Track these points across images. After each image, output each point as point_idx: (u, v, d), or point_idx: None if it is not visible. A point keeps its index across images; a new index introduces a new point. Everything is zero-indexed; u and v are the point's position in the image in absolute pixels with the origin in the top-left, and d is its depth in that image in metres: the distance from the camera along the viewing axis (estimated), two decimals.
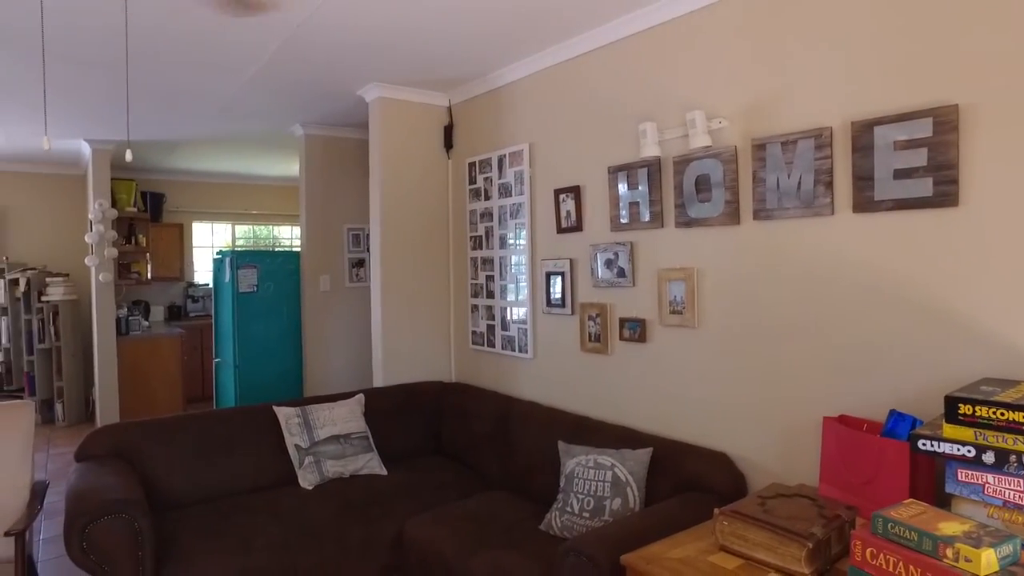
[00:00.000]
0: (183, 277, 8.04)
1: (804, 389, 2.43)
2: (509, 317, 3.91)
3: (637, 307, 3.08)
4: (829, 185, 2.30)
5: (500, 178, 3.94)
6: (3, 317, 6.61)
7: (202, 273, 8.37)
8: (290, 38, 3.31)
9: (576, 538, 2.15)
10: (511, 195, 3.86)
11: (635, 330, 3.07)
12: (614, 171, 3.15)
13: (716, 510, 1.83)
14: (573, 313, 3.44)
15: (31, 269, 6.64)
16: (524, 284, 3.78)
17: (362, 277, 5.43)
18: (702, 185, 2.75)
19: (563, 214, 3.48)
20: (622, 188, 3.11)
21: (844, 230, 2.29)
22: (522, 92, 3.80)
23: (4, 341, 6.60)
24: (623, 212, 3.11)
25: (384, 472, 3.51)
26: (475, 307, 4.20)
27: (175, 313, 7.94)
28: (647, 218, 2.99)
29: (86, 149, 6.01)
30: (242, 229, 8.71)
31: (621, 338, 3.15)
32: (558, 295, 3.51)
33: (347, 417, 3.53)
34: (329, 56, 3.61)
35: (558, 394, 3.57)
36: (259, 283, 5.23)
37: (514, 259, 3.86)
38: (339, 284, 5.33)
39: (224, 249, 5.57)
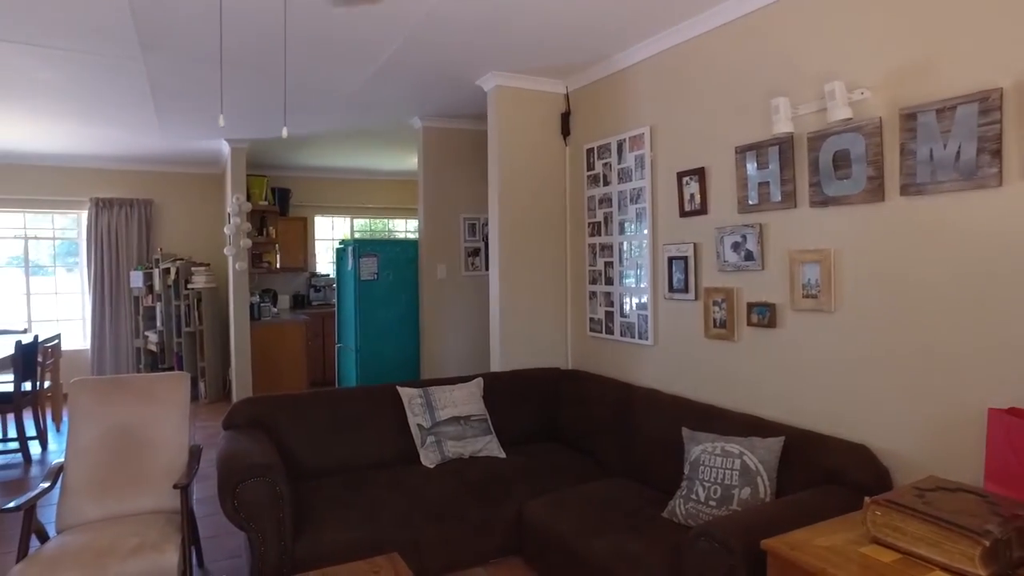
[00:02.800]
0: (307, 268, 8.54)
1: (962, 378, 2.23)
2: (628, 303, 3.86)
3: (766, 291, 2.95)
4: (996, 154, 2.09)
5: (619, 163, 3.89)
6: (158, 303, 7.28)
7: (323, 264, 8.84)
8: (415, 30, 3.42)
9: (707, 523, 2.08)
10: (631, 180, 3.80)
11: (764, 315, 2.93)
12: (742, 151, 3.02)
13: (867, 499, 1.71)
14: (696, 298, 3.34)
15: (179, 259, 7.27)
16: (644, 270, 3.71)
17: (477, 266, 5.53)
18: (840, 161, 2.58)
19: (686, 197, 3.39)
20: (750, 168, 2.98)
21: (1015, 202, 2.07)
22: (642, 75, 3.73)
23: (159, 324, 7.27)
24: (752, 193, 2.98)
25: (503, 455, 3.56)
26: (593, 294, 4.17)
27: (299, 302, 8.43)
28: (778, 198, 2.85)
29: (225, 148, 6.50)
30: (359, 223, 9.12)
31: (749, 323, 3.02)
32: (681, 280, 3.42)
33: (467, 399, 3.61)
34: (450, 46, 3.69)
35: (680, 381, 3.48)
36: (379, 271, 5.46)
37: (634, 244, 3.80)
38: (455, 272, 5.46)
39: (346, 239, 5.84)
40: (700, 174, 3.29)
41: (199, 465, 3.00)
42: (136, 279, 7.41)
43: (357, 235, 9.08)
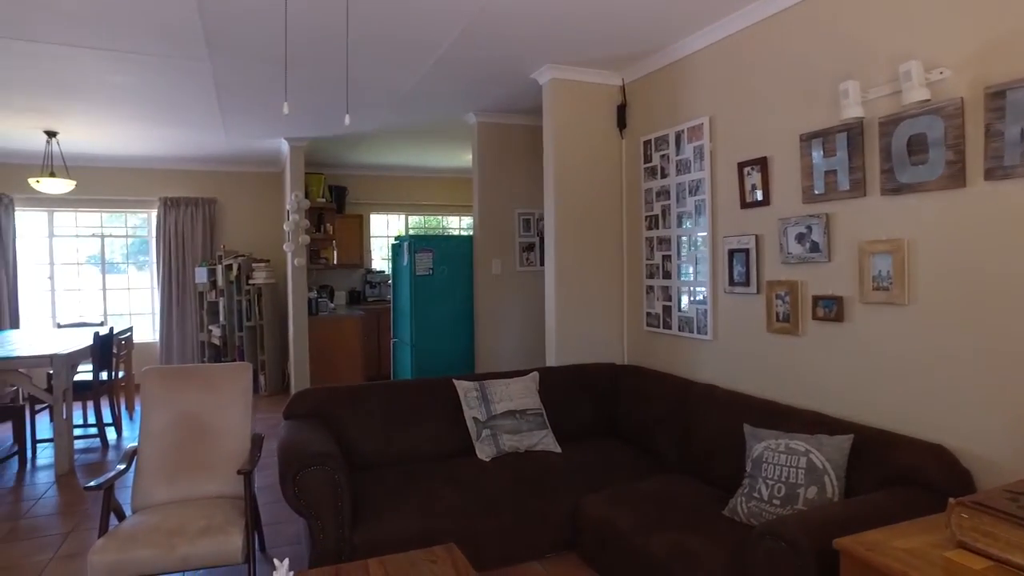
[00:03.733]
0: (362, 264, 8.69)
1: None
2: (687, 298, 3.77)
3: (833, 284, 2.83)
4: None
5: (678, 155, 3.81)
6: (221, 298, 7.53)
7: (378, 261, 8.98)
8: (470, 24, 3.42)
9: (772, 521, 2.01)
10: (690, 171, 3.71)
11: (831, 308, 2.82)
12: (807, 138, 2.91)
13: (952, 500, 1.61)
14: (759, 292, 3.24)
15: (241, 256, 7.50)
16: (704, 263, 3.62)
17: (532, 261, 5.52)
18: (916, 146, 2.46)
19: (748, 188, 3.29)
20: (816, 156, 2.87)
21: None
22: (701, 64, 3.64)
23: (221, 318, 7.52)
24: (817, 182, 2.87)
25: (558, 450, 3.53)
26: (650, 288, 4.10)
27: (355, 297, 8.59)
28: (846, 187, 2.74)
29: (284, 146, 6.66)
30: (414, 220, 9.23)
31: (814, 317, 2.91)
32: (742, 273, 3.33)
33: (522, 393, 3.60)
34: (505, 40, 3.68)
35: (740, 377, 3.38)
36: (435, 266, 5.50)
37: (693, 237, 3.71)
38: (510, 268, 5.46)
39: (401, 235, 5.90)
40: (762, 164, 3.18)
41: (261, 453, 3.07)
42: (200, 275, 7.68)
43: (411, 232, 9.19)
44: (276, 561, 1.72)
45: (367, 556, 2.68)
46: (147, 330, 7.99)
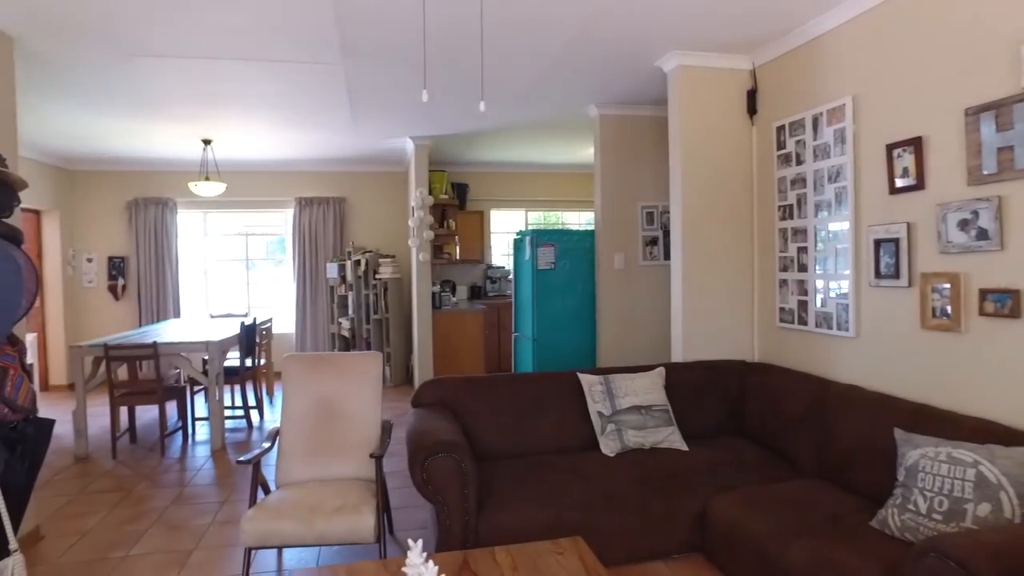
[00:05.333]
0: (483, 260, 8.86)
1: None
2: (825, 292, 3.52)
3: (1007, 276, 2.52)
4: None
5: (815, 139, 3.56)
6: (350, 292, 7.95)
7: (498, 257, 9.12)
8: (593, 12, 3.37)
9: (939, 538, 1.82)
10: (829, 157, 3.46)
11: (1003, 303, 2.52)
12: (974, 112, 2.61)
13: None
14: (910, 285, 2.96)
15: (368, 252, 7.88)
16: (845, 255, 3.36)
17: (655, 255, 5.38)
18: None
19: (898, 171, 3.01)
20: (986, 131, 2.57)
21: None
22: (842, 40, 3.37)
23: (351, 311, 7.93)
24: (987, 160, 2.57)
25: (685, 448, 3.41)
26: (783, 282, 3.86)
27: (475, 293, 8.77)
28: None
29: (409, 145, 6.91)
30: (533, 216, 9.29)
31: (981, 313, 2.61)
32: (890, 265, 3.05)
33: (648, 389, 3.51)
34: (629, 27, 3.60)
35: (887, 377, 3.11)
36: (556, 260, 5.49)
37: (832, 227, 3.46)
38: (633, 262, 5.35)
39: (523, 230, 5.94)
40: (915, 144, 2.90)
41: (390, 439, 3.19)
42: (331, 270, 8.14)
43: (532, 227, 9.25)
44: (410, 541, 1.77)
45: (491, 544, 2.70)
46: (284, 321, 8.58)
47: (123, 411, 5.69)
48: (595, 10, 3.35)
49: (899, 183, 3.01)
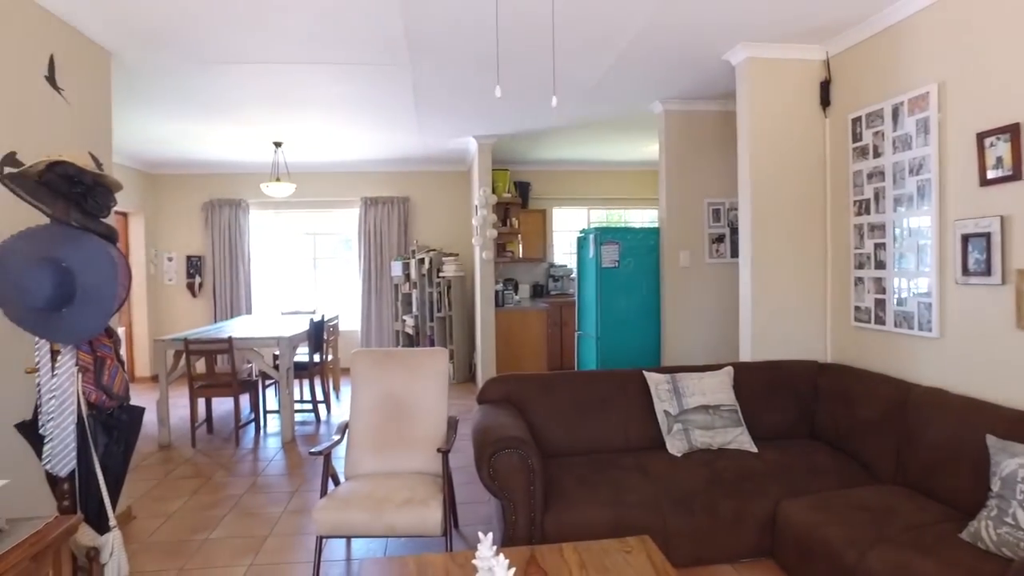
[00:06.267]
0: (545, 258, 8.86)
1: None
2: (905, 290, 3.36)
3: None
4: None
5: (895, 130, 3.40)
6: (414, 290, 8.09)
7: (560, 256, 9.10)
8: (661, 5, 3.31)
9: None
10: (910, 148, 3.30)
11: None
12: None
13: None
14: (1003, 282, 2.79)
15: (432, 250, 7.99)
16: (928, 251, 3.20)
17: (722, 253, 5.26)
18: None
19: (990, 161, 2.84)
20: None
21: None
22: (925, 25, 3.21)
23: (415, 309, 8.07)
24: None
25: (754, 449, 3.32)
26: (859, 279, 3.71)
27: (538, 291, 8.78)
28: None
29: (472, 144, 6.97)
30: (595, 214, 9.23)
31: None
32: (980, 261, 2.89)
33: (716, 388, 3.43)
34: (697, 19, 3.53)
35: (976, 380, 2.94)
36: (620, 259, 5.43)
37: (913, 222, 3.30)
38: (699, 259, 5.25)
39: (587, 228, 5.91)
40: (1013, 132, 2.73)
41: (456, 435, 3.23)
42: (396, 268, 8.30)
43: (595, 225, 9.19)
44: (480, 534, 1.79)
45: (557, 541, 2.70)
46: (350, 319, 8.79)
47: (200, 402, 5.97)
48: (663, 2, 3.30)
49: (991, 174, 2.85)
